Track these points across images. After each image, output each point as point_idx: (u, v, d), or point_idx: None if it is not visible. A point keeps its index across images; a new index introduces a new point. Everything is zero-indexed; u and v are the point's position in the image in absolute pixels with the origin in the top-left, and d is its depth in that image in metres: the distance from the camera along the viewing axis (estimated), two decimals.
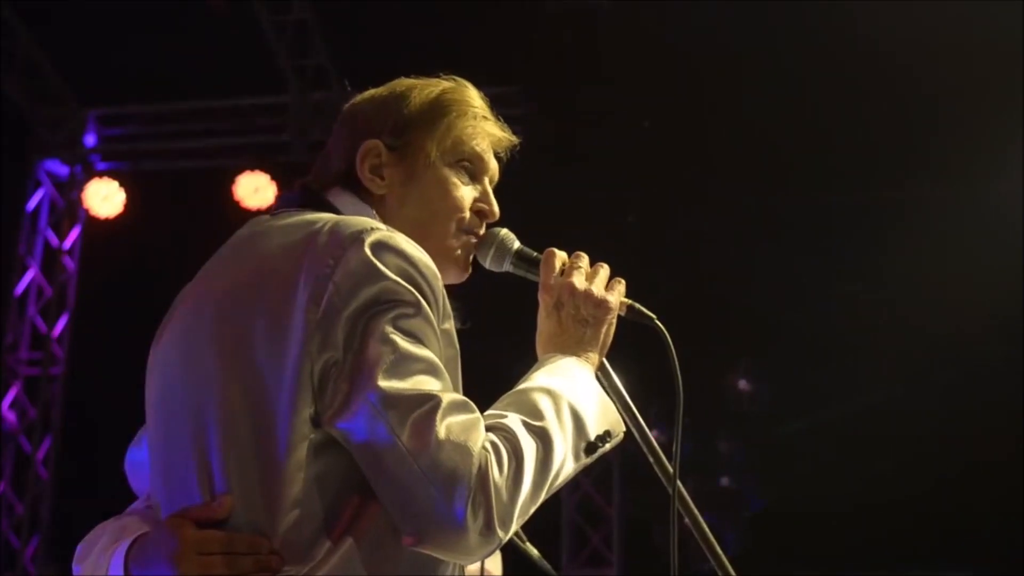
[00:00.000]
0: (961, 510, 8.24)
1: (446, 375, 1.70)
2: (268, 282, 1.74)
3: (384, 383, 1.63)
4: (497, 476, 1.63)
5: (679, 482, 1.99)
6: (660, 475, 2.03)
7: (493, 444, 1.66)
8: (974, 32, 6.63)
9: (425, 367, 1.67)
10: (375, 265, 1.69)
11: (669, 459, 2.02)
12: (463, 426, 1.64)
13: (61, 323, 8.67)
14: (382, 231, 1.75)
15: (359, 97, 2.07)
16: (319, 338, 1.66)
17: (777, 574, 7.82)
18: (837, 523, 8.45)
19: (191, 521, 1.70)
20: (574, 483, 8.17)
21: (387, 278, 1.69)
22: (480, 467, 1.62)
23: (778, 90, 7.43)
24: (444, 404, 1.64)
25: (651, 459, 2.03)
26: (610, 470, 8.13)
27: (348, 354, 1.66)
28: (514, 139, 2.09)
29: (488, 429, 1.69)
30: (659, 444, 2.04)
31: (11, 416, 8.34)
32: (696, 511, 2.02)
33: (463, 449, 1.62)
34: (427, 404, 1.63)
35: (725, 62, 7.30)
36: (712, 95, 7.55)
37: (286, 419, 1.67)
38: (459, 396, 1.69)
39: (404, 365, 1.65)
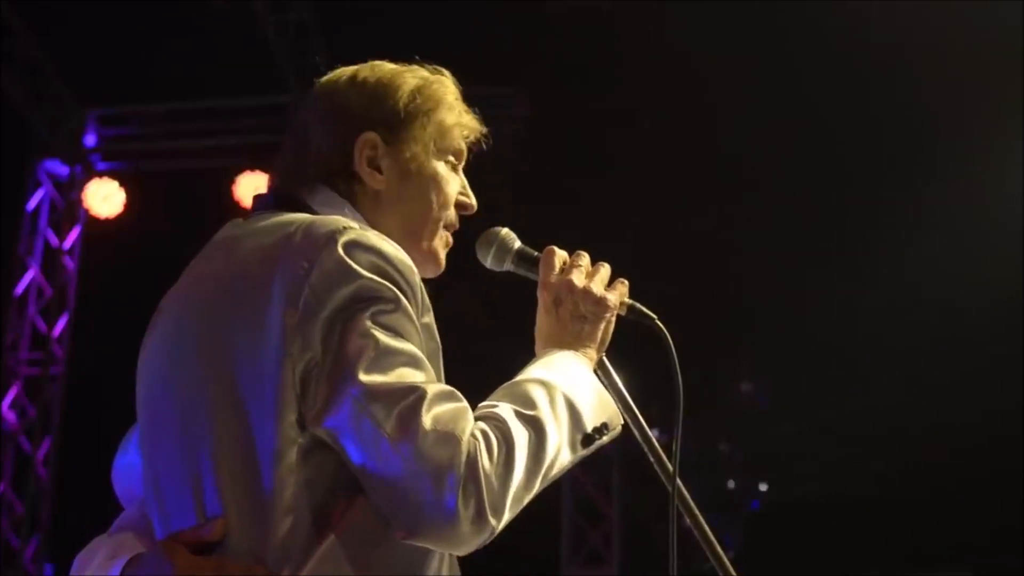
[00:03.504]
0: (961, 510, 8.25)
1: (429, 367, 1.68)
2: (244, 287, 1.74)
3: (366, 377, 1.62)
4: (487, 464, 1.62)
5: (679, 481, 1.99)
6: (660, 474, 2.03)
7: (483, 432, 1.65)
8: (975, 33, 6.63)
9: (407, 360, 1.66)
10: (349, 265, 1.68)
11: (669, 458, 2.02)
12: (450, 415, 1.63)
13: (61, 323, 8.67)
14: (355, 230, 1.73)
15: (337, 80, 2.04)
16: (299, 341, 1.65)
17: (777, 574, 7.82)
18: (837, 523, 8.47)
19: (184, 545, 1.69)
20: (574, 482, 8.17)
21: (362, 277, 1.68)
22: (469, 455, 1.60)
23: (780, 91, 7.43)
24: (429, 395, 1.63)
25: (651, 458, 2.02)
26: (610, 469, 8.13)
27: (328, 354, 1.65)
28: (485, 129, 2.07)
29: (478, 419, 1.68)
30: (659, 443, 2.03)
31: (11, 416, 8.34)
32: (696, 510, 2.02)
33: (451, 438, 1.60)
34: (412, 396, 1.62)
35: (728, 62, 7.30)
36: (714, 95, 7.55)
37: (273, 425, 1.66)
38: (444, 386, 1.68)
39: (386, 359, 1.64)
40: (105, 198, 8.36)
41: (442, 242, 2.01)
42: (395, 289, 1.70)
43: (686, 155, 7.77)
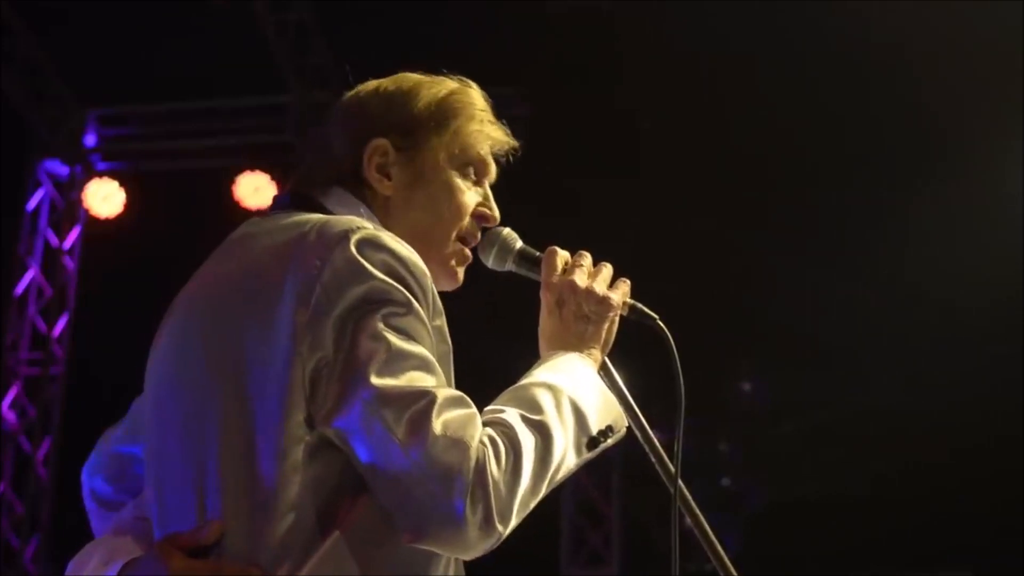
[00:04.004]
0: (961, 510, 8.25)
1: (440, 371, 1.69)
2: (256, 285, 1.74)
3: (378, 381, 1.62)
4: (495, 470, 1.62)
5: (680, 482, 1.99)
6: (661, 475, 2.02)
7: (491, 438, 1.65)
8: (975, 33, 6.63)
9: (419, 364, 1.66)
10: (362, 264, 1.68)
11: (671, 459, 2.02)
12: (460, 421, 1.63)
13: (61, 323, 8.66)
14: (368, 230, 1.74)
15: (362, 89, 2.04)
16: (309, 340, 1.65)
17: (777, 574, 7.82)
18: (837, 523, 8.46)
19: (180, 548, 1.69)
20: (574, 483, 8.17)
21: (375, 277, 1.68)
22: (478, 461, 1.61)
23: (780, 91, 7.43)
24: (440, 400, 1.63)
25: (653, 459, 2.02)
26: (610, 470, 8.13)
27: (339, 354, 1.65)
28: (515, 143, 2.09)
29: (486, 424, 1.68)
30: (660, 444, 2.03)
31: (11, 416, 8.34)
32: (697, 511, 2.02)
33: (460, 444, 1.61)
34: (423, 400, 1.62)
35: (728, 62, 7.30)
36: (714, 96, 7.55)
37: (279, 424, 1.65)
38: (455, 392, 1.68)
39: (397, 362, 1.64)
40: (105, 198, 8.35)
41: (457, 255, 2.00)
42: (406, 292, 1.70)
43: (686, 155, 7.78)
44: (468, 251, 2.03)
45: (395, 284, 1.69)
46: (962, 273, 7.23)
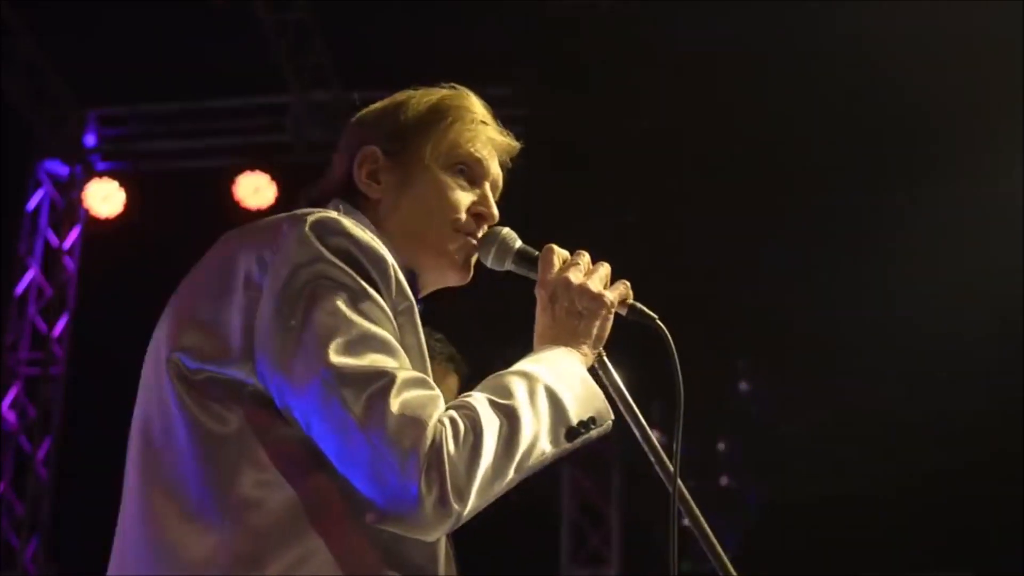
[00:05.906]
0: (961, 510, 8.25)
1: (402, 353, 1.68)
2: (220, 267, 1.77)
3: (337, 360, 1.62)
4: (452, 449, 1.61)
5: (679, 481, 1.99)
6: (660, 474, 2.02)
7: (451, 418, 1.64)
8: (975, 33, 6.63)
9: (379, 346, 1.66)
10: (314, 245, 1.69)
11: (670, 459, 2.01)
12: (419, 401, 1.63)
13: (61, 323, 8.67)
14: (329, 214, 1.75)
15: (363, 111, 2.08)
16: (258, 315, 1.67)
17: (777, 574, 7.82)
18: (837, 523, 8.46)
19: None
20: (574, 483, 8.18)
21: (325, 259, 1.69)
22: (434, 440, 1.60)
23: (779, 92, 7.43)
24: (399, 380, 1.63)
25: (652, 458, 2.02)
26: (610, 470, 8.14)
27: (291, 333, 1.65)
28: (516, 144, 2.09)
29: (450, 407, 1.68)
30: (659, 443, 2.03)
31: (11, 416, 8.34)
32: (697, 511, 2.01)
33: (416, 422, 1.60)
34: (381, 380, 1.62)
35: (728, 62, 7.30)
36: (714, 96, 7.55)
37: (230, 401, 1.68)
38: (416, 373, 1.68)
39: (358, 343, 1.64)
40: (105, 198, 8.36)
41: (463, 247, 2.00)
42: (359, 276, 1.70)
43: (686, 155, 7.77)
44: (475, 243, 2.02)
45: (346, 267, 1.69)
46: (962, 273, 7.23)
